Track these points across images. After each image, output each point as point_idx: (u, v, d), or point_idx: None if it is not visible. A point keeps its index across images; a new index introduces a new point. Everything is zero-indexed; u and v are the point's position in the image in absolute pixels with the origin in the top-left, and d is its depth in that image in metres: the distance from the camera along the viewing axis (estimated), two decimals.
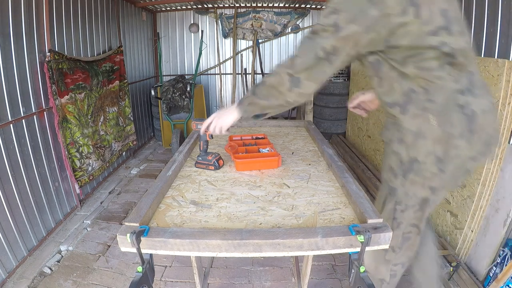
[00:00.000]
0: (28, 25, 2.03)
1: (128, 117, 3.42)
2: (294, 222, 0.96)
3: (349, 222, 0.95)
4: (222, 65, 4.64)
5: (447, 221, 2.02)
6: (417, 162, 0.99)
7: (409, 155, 1.00)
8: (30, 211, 2.01)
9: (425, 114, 0.94)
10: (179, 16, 4.49)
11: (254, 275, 1.87)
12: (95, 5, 2.90)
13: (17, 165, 1.92)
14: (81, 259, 2.01)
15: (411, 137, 0.98)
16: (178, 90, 3.69)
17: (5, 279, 1.76)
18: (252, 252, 0.83)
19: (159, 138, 4.30)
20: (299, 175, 1.30)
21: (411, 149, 0.99)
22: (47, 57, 2.17)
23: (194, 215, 1.00)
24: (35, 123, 2.10)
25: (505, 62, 1.58)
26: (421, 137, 0.96)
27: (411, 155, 1.00)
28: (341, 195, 1.12)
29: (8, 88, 1.86)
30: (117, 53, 3.19)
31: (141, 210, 0.94)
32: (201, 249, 0.83)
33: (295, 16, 4.37)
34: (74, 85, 2.44)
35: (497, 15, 1.75)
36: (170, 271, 1.90)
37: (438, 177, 0.99)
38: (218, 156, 1.36)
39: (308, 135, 1.86)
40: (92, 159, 2.66)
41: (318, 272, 1.88)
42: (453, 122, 0.93)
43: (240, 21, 4.42)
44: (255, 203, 1.07)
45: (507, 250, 1.59)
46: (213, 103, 4.86)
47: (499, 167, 1.67)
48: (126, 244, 0.83)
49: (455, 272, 1.71)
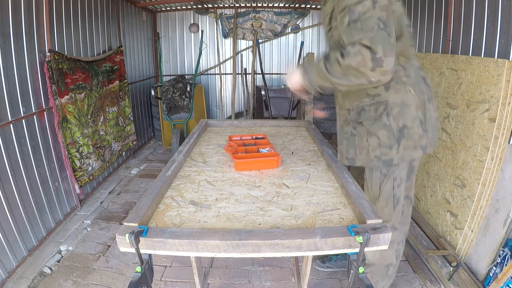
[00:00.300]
0: (28, 25, 2.03)
1: (128, 117, 3.43)
2: (293, 222, 0.96)
3: (348, 223, 0.95)
4: (222, 65, 4.64)
5: (447, 221, 2.02)
6: (406, 128, 1.17)
7: (398, 124, 1.17)
8: (30, 211, 2.01)
9: (405, 87, 1.15)
10: (179, 16, 4.49)
11: (254, 275, 1.87)
12: (95, 5, 2.90)
13: (17, 165, 1.92)
14: (81, 259, 2.01)
15: (397, 109, 1.16)
16: (178, 90, 3.69)
17: (5, 279, 1.76)
18: (251, 252, 0.83)
19: (159, 138, 4.30)
20: (298, 175, 1.30)
21: (399, 118, 1.16)
22: (47, 57, 2.17)
23: (193, 215, 1.00)
24: (35, 123, 2.11)
25: (505, 62, 1.58)
26: (406, 106, 1.16)
27: (400, 124, 1.17)
28: (340, 196, 1.12)
29: (8, 88, 1.86)
30: (117, 53, 3.19)
31: (140, 210, 0.94)
32: (199, 249, 0.83)
33: (295, 16, 4.37)
34: (74, 85, 2.45)
35: (497, 15, 1.74)
36: (170, 271, 1.90)
37: (424, 137, 1.19)
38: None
39: (308, 135, 1.86)
40: (92, 159, 2.66)
41: (318, 272, 1.88)
42: (423, 91, 1.19)
43: (240, 21, 4.42)
44: (254, 203, 1.07)
45: (507, 250, 1.59)
46: (213, 103, 4.86)
47: (499, 167, 1.67)
48: (125, 244, 0.83)
49: (455, 272, 1.70)
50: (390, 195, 1.27)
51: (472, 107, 1.83)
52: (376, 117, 1.18)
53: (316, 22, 4.45)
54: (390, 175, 1.25)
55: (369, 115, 1.20)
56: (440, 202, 2.11)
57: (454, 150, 1.99)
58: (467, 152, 1.86)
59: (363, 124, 1.22)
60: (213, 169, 1.37)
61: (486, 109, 1.71)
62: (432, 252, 1.88)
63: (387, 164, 1.22)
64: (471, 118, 1.84)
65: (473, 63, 1.83)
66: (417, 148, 1.20)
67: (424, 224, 2.20)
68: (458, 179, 1.93)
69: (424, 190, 2.33)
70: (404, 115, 1.16)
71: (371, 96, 1.18)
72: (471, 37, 2.00)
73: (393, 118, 1.16)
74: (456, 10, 2.16)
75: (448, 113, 2.07)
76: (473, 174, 1.79)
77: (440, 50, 2.37)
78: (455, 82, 2.00)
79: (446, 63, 2.10)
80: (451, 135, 2.02)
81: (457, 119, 1.97)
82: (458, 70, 1.97)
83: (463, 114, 1.92)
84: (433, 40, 2.47)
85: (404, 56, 1.14)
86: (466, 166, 1.87)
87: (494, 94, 1.65)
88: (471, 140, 1.83)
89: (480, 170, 1.73)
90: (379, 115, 1.17)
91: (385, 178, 1.26)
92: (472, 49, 2.00)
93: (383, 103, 1.16)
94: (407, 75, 1.16)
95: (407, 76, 1.15)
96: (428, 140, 1.21)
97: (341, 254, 1.84)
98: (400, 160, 1.21)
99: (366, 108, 1.20)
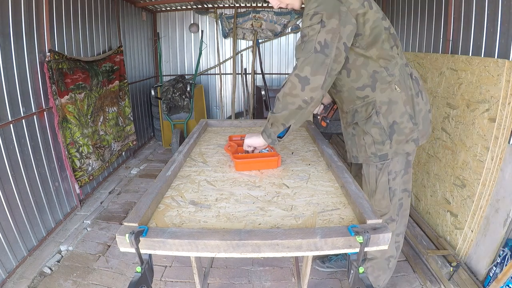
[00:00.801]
0: (28, 25, 2.03)
1: (128, 117, 3.43)
2: (293, 222, 0.96)
3: (348, 223, 0.95)
4: (222, 65, 4.64)
5: (447, 221, 2.02)
6: (396, 124, 1.25)
7: (388, 121, 1.25)
8: (30, 211, 2.01)
9: (391, 86, 1.22)
10: (179, 16, 4.49)
11: (254, 275, 1.87)
12: (95, 5, 2.90)
13: (17, 165, 1.92)
14: (81, 259, 2.01)
15: (385, 106, 1.23)
16: (178, 90, 3.69)
17: (5, 279, 1.76)
18: (251, 252, 0.83)
19: (159, 138, 4.30)
20: (298, 175, 1.30)
21: (388, 115, 1.24)
22: (47, 57, 2.18)
23: (193, 215, 1.00)
24: (35, 123, 2.11)
25: (505, 62, 1.58)
26: (393, 103, 1.23)
27: (389, 120, 1.24)
28: (340, 196, 1.12)
29: (8, 88, 1.86)
30: (117, 53, 3.19)
31: (140, 210, 0.94)
32: (199, 249, 0.83)
33: (295, 16, 4.37)
34: (74, 85, 2.45)
35: (497, 15, 1.74)
36: (170, 271, 1.90)
37: (415, 130, 1.27)
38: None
39: (308, 135, 1.86)
40: (92, 159, 2.66)
41: (318, 272, 1.88)
42: (410, 86, 1.26)
43: (240, 21, 4.42)
44: (254, 204, 1.07)
45: (507, 250, 1.59)
46: (213, 103, 4.86)
47: (499, 167, 1.67)
48: (125, 244, 0.83)
49: (455, 272, 1.70)
50: (386, 188, 1.35)
51: (472, 107, 1.83)
52: (367, 117, 1.27)
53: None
54: (384, 169, 1.33)
55: (361, 115, 1.29)
56: (440, 202, 2.11)
57: (454, 150, 1.99)
58: (467, 152, 1.86)
59: (358, 124, 1.32)
60: (213, 169, 1.37)
61: (486, 109, 1.71)
62: (432, 252, 1.88)
63: (383, 159, 1.30)
64: (471, 118, 1.84)
65: (473, 63, 1.83)
66: (409, 142, 1.28)
67: (424, 224, 2.20)
68: (458, 179, 1.93)
69: (424, 190, 2.33)
70: (392, 112, 1.24)
71: (361, 99, 1.28)
72: (471, 37, 2.00)
73: (382, 116, 1.25)
74: (456, 10, 2.16)
75: (448, 113, 2.07)
76: (473, 174, 1.79)
77: (440, 50, 2.37)
78: (455, 82, 2.00)
79: (446, 63, 2.10)
80: (451, 135, 2.02)
81: (457, 119, 1.97)
82: (458, 70, 1.97)
83: (463, 114, 1.92)
84: (433, 40, 2.47)
85: (384, 59, 1.20)
86: (466, 166, 1.87)
87: (494, 94, 1.65)
88: (471, 140, 1.83)
89: (480, 170, 1.73)
90: (369, 115, 1.26)
91: (380, 172, 1.34)
92: (472, 49, 2.00)
93: (371, 103, 1.25)
94: (391, 74, 1.22)
95: (391, 75, 1.22)
96: (419, 132, 1.29)
97: (341, 254, 1.85)
98: (394, 154, 1.29)
99: (358, 110, 1.30)
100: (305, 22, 1.11)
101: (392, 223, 1.40)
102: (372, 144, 1.30)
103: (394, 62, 1.23)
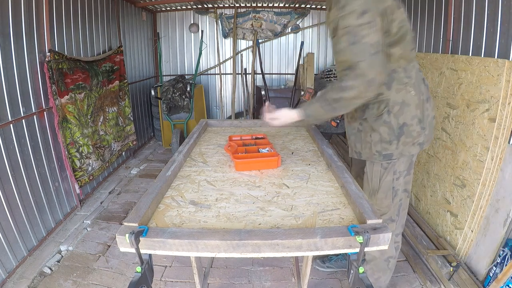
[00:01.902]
0: (28, 25, 2.03)
1: (128, 117, 3.42)
2: (293, 222, 0.96)
3: (348, 223, 0.95)
4: (222, 65, 4.64)
5: (447, 221, 2.02)
6: (406, 126, 1.25)
7: (398, 121, 1.24)
8: (30, 211, 2.01)
9: (406, 87, 1.22)
10: (179, 16, 4.48)
11: (254, 275, 1.87)
12: (95, 5, 2.90)
13: (17, 165, 1.92)
14: (81, 259, 2.01)
15: (398, 107, 1.23)
16: (178, 90, 3.69)
17: (5, 279, 1.76)
18: (251, 252, 0.83)
19: (159, 138, 4.30)
20: (298, 175, 1.30)
21: (399, 116, 1.24)
22: (47, 57, 2.17)
23: (193, 215, 1.00)
24: (35, 123, 2.11)
25: (505, 62, 1.58)
26: (406, 105, 1.23)
27: (400, 121, 1.24)
28: (340, 195, 1.12)
29: (8, 88, 1.86)
30: (117, 53, 3.19)
31: (140, 210, 0.94)
32: (199, 249, 0.83)
33: (295, 16, 4.37)
34: (74, 85, 2.44)
35: (497, 15, 1.74)
36: (170, 271, 1.90)
37: (422, 134, 1.28)
38: None
39: (308, 135, 1.86)
40: (92, 159, 2.66)
41: (318, 272, 1.88)
42: (422, 91, 1.27)
43: (240, 21, 4.41)
44: (254, 204, 1.07)
45: (507, 250, 1.59)
46: (213, 103, 4.86)
47: (499, 167, 1.66)
48: (125, 244, 0.83)
49: (455, 272, 1.70)
50: (390, 188, 1.35)
51: (472, 107, 1.83)
52: (378, 114, 1.26)
53: (316, 22, 4.45)
54: (390, 169, 1.33)
55: (373, 112, 1.27)
56: (440, 202, 2.11)
57: (454, 150, 1.99)
58: (467, 152, 1.86)
59: (367, 120, 1.31)
60: (213, 169, 1.37)
61: (486, 109, 1.71)
62: (432, 252, 1.88)
63: (387, 158, 1.30)
64: (471, 118, 1.84)
65: (473, 63, 1.83)
66: (415, 145, 1.29)
67: (424, 224, 2.20)
68: (458, 179, 1.93)
69: (424, 190, 2.33)
70: (404, 114, 1.24)
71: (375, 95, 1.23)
72: (471, 37, 2.00)
73: (393, 115, 1.24)
74: (456, 10, 2.16)
75: (448, 113, 2.07)
76: (473, 174, 1.79)
77: (440, 50, 2.37)
78: (455, 82, 2.00)
79: (446, 63, 2.10)
80: (451, 135, 2.02)
81: (457, 119, 1.97)
82: (458, 70, 1.97)
83: (463, 114, 1.92)
84: (433, 40, 2.47)
85: (405, 59, 1.21)
86: (466, 166, 1.87)
87: (494, 94, 1.65)
88: (471, 140, 1.83)
89: (480, 170, 1.73)
90: (381, 113, 1.25)
91: (385, 171, 1.34)
92: (472, 49, 2.00)
93: (384, 101, 1.24)
94: (408, 76, 1.23)
95: (408, 77, 1.23)
96: (425, 137, 1.31)
97: (341, 254, 1.85)
98: (399, 155, 1.29)
99: (370, 106, 1.28)
100: (348, 17, 1.04)
101: (392, 224, 1.41)
102: (378, 142, 1.29)
103: (412, 64, 1.25)
